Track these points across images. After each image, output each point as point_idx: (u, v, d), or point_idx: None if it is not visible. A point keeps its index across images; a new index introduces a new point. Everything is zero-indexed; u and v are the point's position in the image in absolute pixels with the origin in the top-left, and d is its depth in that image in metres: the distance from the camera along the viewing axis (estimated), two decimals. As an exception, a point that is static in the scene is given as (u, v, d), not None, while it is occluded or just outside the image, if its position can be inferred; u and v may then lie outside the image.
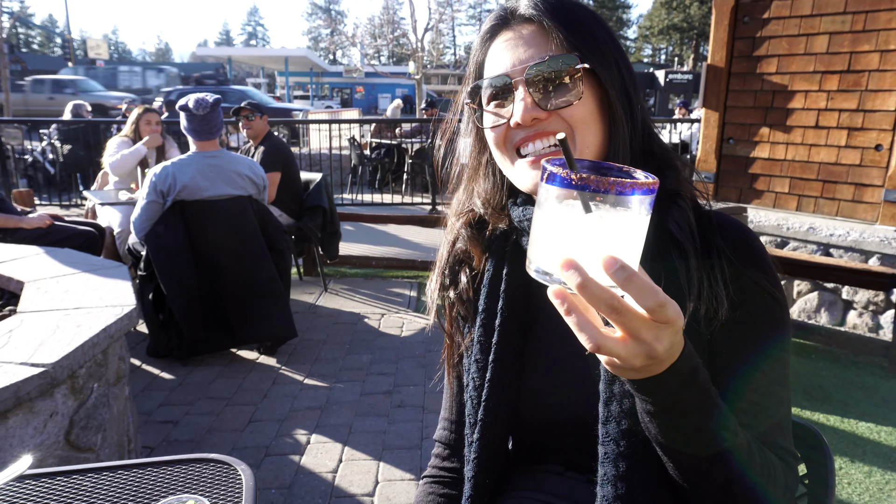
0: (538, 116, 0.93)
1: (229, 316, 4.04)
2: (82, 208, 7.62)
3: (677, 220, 0.92)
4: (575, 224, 0.61)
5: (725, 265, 0.91)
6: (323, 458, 3.03)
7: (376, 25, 32.07)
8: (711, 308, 0.89)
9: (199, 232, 3.95)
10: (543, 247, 0.64)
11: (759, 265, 0.93)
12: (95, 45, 37.90)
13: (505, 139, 0.99)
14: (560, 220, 0.62)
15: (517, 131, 0.96)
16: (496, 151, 1.02)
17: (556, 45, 0.94)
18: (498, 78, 0.97)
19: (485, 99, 1.01)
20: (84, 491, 1.15)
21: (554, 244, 0.63)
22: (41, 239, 4.04)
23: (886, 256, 4.42)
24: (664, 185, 0.92)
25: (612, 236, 0.60)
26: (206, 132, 3.93)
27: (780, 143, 5.12)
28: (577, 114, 0.94)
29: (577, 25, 0.95)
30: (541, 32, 0.95)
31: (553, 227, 0.63)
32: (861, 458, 3.03)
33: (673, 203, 0.94)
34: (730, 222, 0.97)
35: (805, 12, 4.84)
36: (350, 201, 9.59)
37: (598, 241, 0.60)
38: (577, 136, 0.94)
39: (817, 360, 4.16)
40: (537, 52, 0.94)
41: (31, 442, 1.94)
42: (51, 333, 2.15)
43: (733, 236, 0.94)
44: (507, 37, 0.98)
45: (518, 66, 0.95)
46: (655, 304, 0.59)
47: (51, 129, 10.65)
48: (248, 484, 1.16)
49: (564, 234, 0.62)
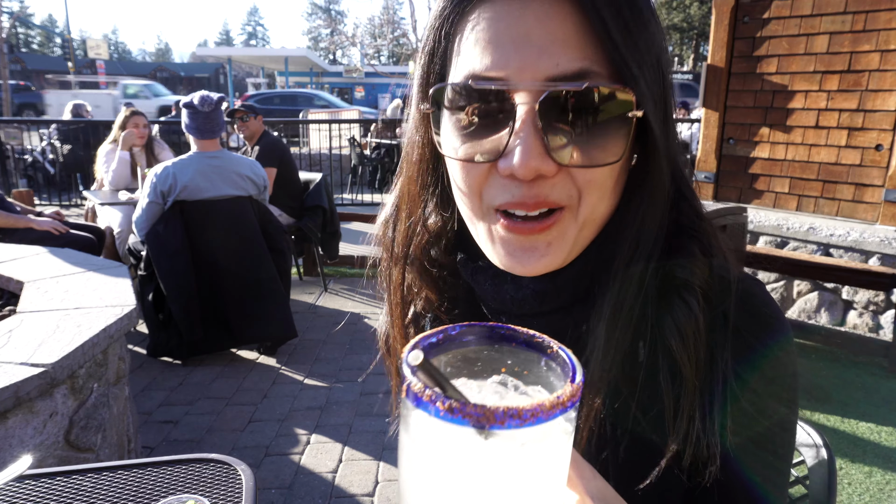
0: (546, 172, 0.60)
1: (229, 316, 4.04)
2: (82, 208, 7.62)
3: (681, 327, 0.65)
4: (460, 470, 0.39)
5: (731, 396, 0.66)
6: (323, 458, 3.03)
7: (376, 25, 32.11)
8: (700, 458, 0.64)
9: (200, 232, 3.95)
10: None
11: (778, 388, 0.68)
12: (95, 45, 37.88)
13: (482, 186, 0.65)
14: (439, 469, 0.40)
15: (506, 182, 0.62)
16: (459, 192, 0.69)
17: (595, 52, 0.59)
18: (486, 84, 0.60)
19: (451, 106, 0.64)
20: (84, 491, 1.15)
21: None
22: (40, 241, 4.04)
23: (886, 256, 4.42)
24: (672, 270, 0.67)
25: (520, 485, 0.40)
26: (208, 130, 3.94)
27: (780, 143, 5.12)
28: (597, 177, 0.62)
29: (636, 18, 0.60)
30: (573, 19, 0.58)
31: (430, 481, 0.41)
32: (861, 459, 3.03)
33: (679, 300, 0.66)
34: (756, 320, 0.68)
35: (805, 12, 4.84)
36: (350, 201, 9.59)
37: (497, 494, 0.40)
38: (583, 208, 0.64)
39: (817, 360, 4.16)
40: (564, 56, 0.58)
41: (31, 442, 1.94)
42: (51, 333, 2.14)
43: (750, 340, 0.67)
44: (508, 7, 0.60)
45: (528, 75, 0.59)
46: None
47: (51, 129, 10.65)
48: (248, 484, 1.15)
49: (446, 491, 0.40)
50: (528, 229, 0.63)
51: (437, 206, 0.78)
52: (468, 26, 0.62)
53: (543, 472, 0.40)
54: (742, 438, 0.66)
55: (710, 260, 0.69)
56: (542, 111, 0.58)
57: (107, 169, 5.34)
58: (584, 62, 0.58)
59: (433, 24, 0.67)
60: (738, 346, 0.67)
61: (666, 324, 0.65)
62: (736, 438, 0.66)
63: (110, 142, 5.50)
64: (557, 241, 0.64)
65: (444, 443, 0.38)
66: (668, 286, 0.67)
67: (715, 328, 0.67)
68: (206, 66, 69.86)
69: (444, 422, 0.37)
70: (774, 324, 0.69)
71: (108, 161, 5.37)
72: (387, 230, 0.82)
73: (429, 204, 0.78)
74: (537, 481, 0.40)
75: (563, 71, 0.58)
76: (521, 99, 0.59)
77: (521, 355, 0.45)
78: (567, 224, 0.64)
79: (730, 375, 0.66)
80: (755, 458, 0.68)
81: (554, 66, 0.58)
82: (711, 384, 0.66)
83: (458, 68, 0.63)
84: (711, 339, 0.66)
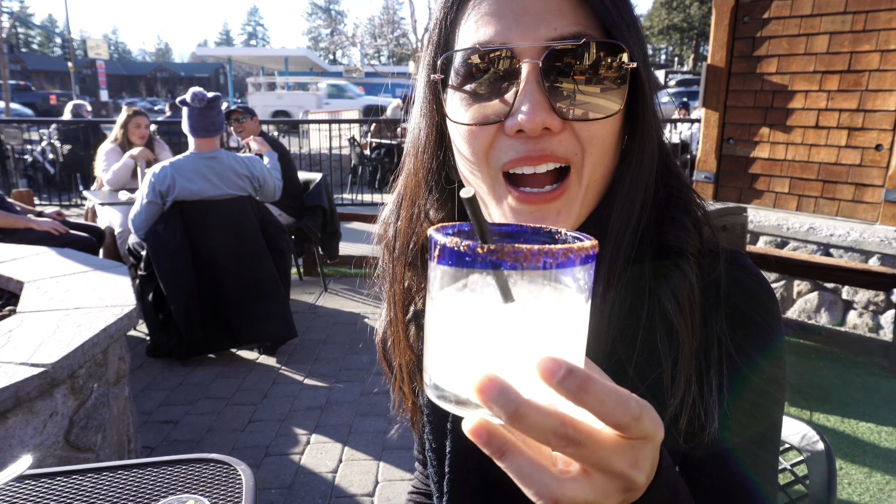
0: (552, 126, 0.64)
1: (229, 316, 4.04)
2: (82, 208, 7.62)
3: (677, 292, 0.68)
4: (490, 321, 0.41)
5: (726, 357, 0.69)
6: (323, 458, 3.03)
7: (376, 25, 32.11)
8: (695, 423, 0.67)
9: (199, 232, 3.95)
10: (447, 359, 0.44)
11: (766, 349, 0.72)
12: (95, 45, 37.87)
13: (489, 149, 0.68)
14: (467, 316, 0.42)
15: (512, 142, 0.66)
16: (466, 163, 0.72)
17: (588, 20, 0.65)
18: (492, 48, 0.65)
19: (458, 76, 0.68)
20: (84, 491, 1.15)
21: (462, 354, 0.43)
22: (40, 241, 4.04)
23: (886, 256, 4.42)
24: (668, 236, 0.72)
25: (545, 331, 0.42)
26: (203, 129, 3.89)
27: (780, 143, 5.12)
28: (598, 133, 0.66)
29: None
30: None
31: (458, 330, 0.43)
32: (861, 459, 3.03)
33: (675, 267, 0.70)
34: (741, 285, 0.72)
35: (805, 12, 4.84)
36: (350, 201, 9.59)
37: (527, 342, 0.41)
38: (587, 166, 0.67)
39: (817, 360, 4.16)
40: (561, 22, 0.64)
41: (31, 442, 1.94)
42: (51, 333, 2.14)
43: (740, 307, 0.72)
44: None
45: (530, 38, 0.64)
46: (629, 418, 0.40)
47: (50, 129, 10.65)
48: (248, 484, 1.15)
49: (476, 338, 0.42)
50: (539, 199, 0.67)
51: (436, 202, 0.80)
52: (471, 8, 0.68)
53: (566, 325, 0.43)
54: (736, 399, 0.69)
55: (700, 230, 0.73)
56: (545, 70, 0.63)
57: (106, 167, 5.33)
58: (578, 26, 0.64)
59: (439, 13, 0.72)
60: (730, 312, 0.70)
61: (663, 290, 0.69)
62: (732, 400, 0.69)
63: (111, 141, 5.50)
64: (566, 209, 0.69)
65: (480, 294, 0.42)
66: (663, 254, 0.71)
67: (708, 295, 0.70)
68: (206, 66, 69.87)
69: (475, 270, 0.41)
70: (760, 291, 0.73)
71: (109, 161, 5.36)
72: (387, 229, 0.84)
73: (429, 199, 0.80)
74: (560, 330, 0.43)
75: (561, 33, 0.63)
76: (525, 59, 0.63)
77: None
78: (573, 189, 0.68)
79: (725, 339, 0.69)
80: (749, 419, 0.71)
81: (552, 30, 0.63)
82: (707, 348, 0.69)
83: (464, 42, 0.68)
84: (706, 305, 0.70)
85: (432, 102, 0.74)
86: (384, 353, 0.91)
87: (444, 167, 0.78)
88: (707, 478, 0.72)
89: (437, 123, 0.75)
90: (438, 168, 0.78)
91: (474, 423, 0.41)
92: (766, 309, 0.73)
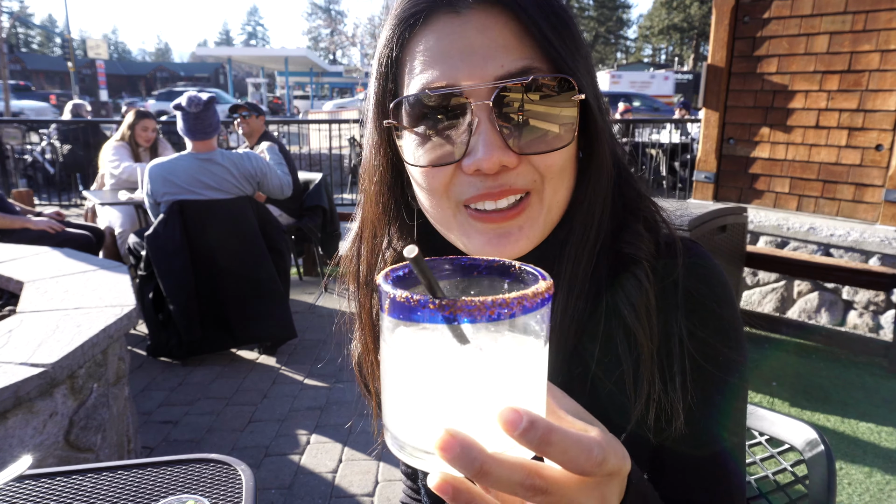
0: (508, 163, 0.65)
1: (229, 316, 4.04)
2: (82, 208, 7.62)
3: (632, 299, 0.71)
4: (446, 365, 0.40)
5: (685, 355, 0.72)
6: (323, 458, 3.03)
7: (376, 25, 32.07)
8: (664, 417, 0.70)
9: (199, 232, 3.95)
10: (404, 410, 0.42)
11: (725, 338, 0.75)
12: (95, 45, 37.88)
13: (448, 186, 0.69)
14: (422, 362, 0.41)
15: (472, 179, 0.67)
16: (426, 196, 0.73)
17: (534, 52, 0.66)
18: (443, 91, 0.65)
19: (410, 118, 0.68)
20: (84, 491, 1.15)
21: (420, 404, 0.41)
22: (38, 241, 4.04)
23: (887, 256, 4.42)
24: (621, 248, 0.74)
25: (503, 376, 0.41)
26: (200, 131, 3.91)
27: (781, 143, 5.12)
28: (556, 163, 0.68)
29: (562, 21, 0.67)
30: (510, 27, 0.65)
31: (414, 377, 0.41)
32: (861, 459, 3.03)
33: (629, 274, 0.72)
34: (697, 279, 0.75)
35: (805, 12, 4.84)
36: (350, 201, 9.59)
37: (485, 387, 0.40)
38: (547, 191, 0.70)
39: (817, 360, 4.16)
40: (507, 58, 0.65)
41: (31, 442, 1.94)
42: (50, 333, 2.14)
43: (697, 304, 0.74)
44: (450, 25, 0.66)
45: (478, 78, 0.64)
46: (592, 465, 0.41)
47: (50, 129, 10.65)
48: (248, 484, 1.15)
49: (432, 385, 0.41)
50: (501, 217, 0.69)
51: (399, 230, 0.80)
52: (416, 47, 0.68)
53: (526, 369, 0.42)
54: (700, 389, 0.72)
55: (657, 234, 0.76)
56: (496, 108, 0.64)
57: (117, 164, 5.32)
58: (525, 61, 0.65)
59: (382, 52, 0.71)
60: (689, 305, 0.73)
61: (619, 298, 0.72)
62: (696, 390, 0.71)
63: (118, 139, 5.50)
64: (528, 225, 0.70)
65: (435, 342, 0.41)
66: (617, 263, 0.74)
67: (667, 296, 0.73)
68: (206, 66, 69.84)
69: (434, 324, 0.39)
70: (715, 281, 0.76)
71: (120, 156, 5.35)
72: (351, 260, 0.85)
73: (391, 228, 0.80)
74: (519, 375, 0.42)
75: (509, 70, 0.64)
76: (475, 99, 0.64)
77: (484, 282, 0.48)
78: (534, 208, 0.70)
79: (685, 336, 0.72)
80: (712, 403, 0.74)
81: (499, 67, 0.64)
82: (669, 346, 0.71)
83: (412, 85, 0.68)
84: (665, 305, 0.72)
85: (386, 144, 0.75)
86: (361, 376, 0.93)
87: (403, 199, 0.80)
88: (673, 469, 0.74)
89: (392, 162, 0.76)
90: (397, 202, 0.79)
91: (438, 480, 0.41)
92: (717, 295, 0.75)
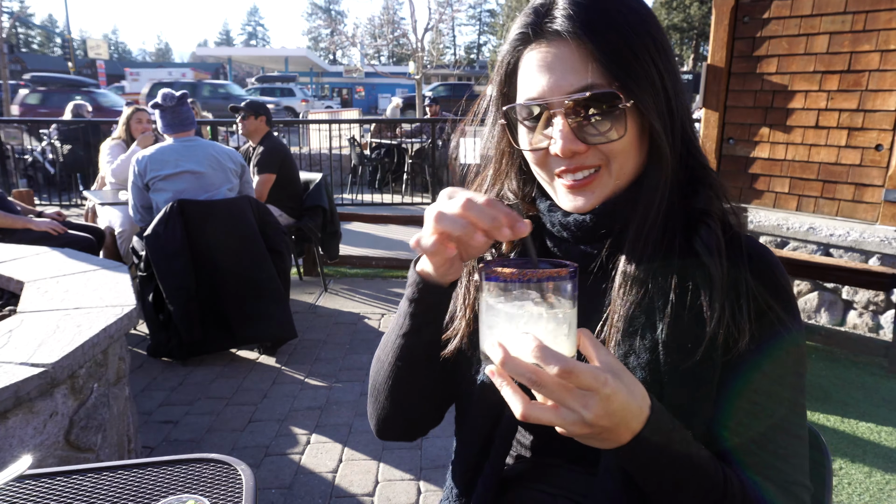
0: (577, 150, 0.92)
1: (229, 316, 4.04)
2: (82, 208, 7.62)
3: (706, 240, 0.91)
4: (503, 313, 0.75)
5: (751, 296, 0.89)
6: (323, 458, 3.03)
7: (376, 25, 32.07)
8: (731, 337, 0.87)
9: (199, 233, 3.95)
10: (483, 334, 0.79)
11: (784, 302, 0.92)
12: (95, 45, 37.88)
13: (544, 161, 0.98)
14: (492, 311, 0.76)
15: (555, 160, 0.95)
16: (533, 165, 1.02)
17: (595, 72, 0.89)
18: (535, 102, 0.94)
19: (520, 115, 0.99)
20: (84, 491, 1.15)
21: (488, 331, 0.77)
22: (40, 242, 4.04)
23: (886, 256, 4.42)
24: (694, 203, 0.95)
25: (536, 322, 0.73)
26: (178, 124, 4.15)
27: (780, 143, 5.12)
28: (616, 147, 0.93)
29: (619, 45, 0.89)
30: (578, 53, 0.90)
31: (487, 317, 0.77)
32: (861, 459, 3.03)
33: (702, 223, 0.93)
34: (759, 252, 0.95)
35: (805, 12, 4.84)
36: (350, 201, 9.59)
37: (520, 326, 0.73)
38: (614, 166, 0.94)
39: (817, 360, 4.16)
40: (576, 78, 0.90)
41: (31, 442, 1.94)
42: (51, 333, 2.15)
43: (760, 268, 0.92)
44: (541, 52, 0.93)
45: (556, 94, 0.91)
46: (561, 370, 0.67)
47: (51, 129, 10.65)
48: (248, 484, 1.16)
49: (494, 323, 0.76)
50: (579, 185, 0.96)
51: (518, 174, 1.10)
52: (524, 63, 0.96)
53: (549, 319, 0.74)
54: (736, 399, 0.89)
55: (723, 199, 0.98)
56: (569, 112, 0.91)
57: (111, 161, 5.39)
58: (587, 80, 0.90)
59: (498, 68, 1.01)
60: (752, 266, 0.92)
61: (695, 241, 0.92)
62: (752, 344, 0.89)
63: (114, 138, 5.55)
64: (599, 190, 0.96)
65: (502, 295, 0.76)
66: (689, 220, 0.94)
67: (734, 250, 0.92)
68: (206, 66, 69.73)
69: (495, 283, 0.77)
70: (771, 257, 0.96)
71: (114, 154, 5.43)
72: (479, 189, 1.12)
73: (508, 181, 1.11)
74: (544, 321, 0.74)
75: (576, 87, 0.90)
76: (556, 108, 0.92)
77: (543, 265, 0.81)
78: (603, 179, 0.95)
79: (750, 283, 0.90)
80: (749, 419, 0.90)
81: (569, 85, 0.91)
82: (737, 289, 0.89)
83: (521, 92, 0.98)
84: (731, 255, 0.91)
85: (505, 133, 1.05)
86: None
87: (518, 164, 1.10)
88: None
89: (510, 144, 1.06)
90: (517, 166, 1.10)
91: (490, 368, 0.75)
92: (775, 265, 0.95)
